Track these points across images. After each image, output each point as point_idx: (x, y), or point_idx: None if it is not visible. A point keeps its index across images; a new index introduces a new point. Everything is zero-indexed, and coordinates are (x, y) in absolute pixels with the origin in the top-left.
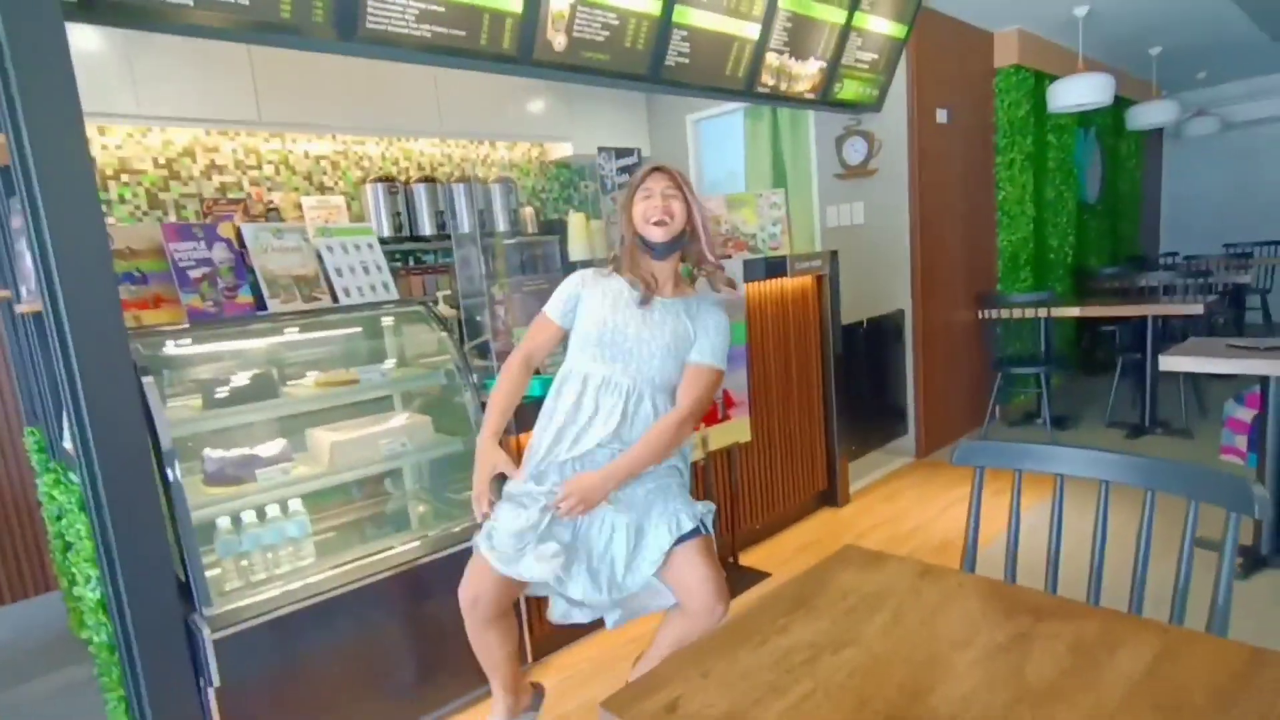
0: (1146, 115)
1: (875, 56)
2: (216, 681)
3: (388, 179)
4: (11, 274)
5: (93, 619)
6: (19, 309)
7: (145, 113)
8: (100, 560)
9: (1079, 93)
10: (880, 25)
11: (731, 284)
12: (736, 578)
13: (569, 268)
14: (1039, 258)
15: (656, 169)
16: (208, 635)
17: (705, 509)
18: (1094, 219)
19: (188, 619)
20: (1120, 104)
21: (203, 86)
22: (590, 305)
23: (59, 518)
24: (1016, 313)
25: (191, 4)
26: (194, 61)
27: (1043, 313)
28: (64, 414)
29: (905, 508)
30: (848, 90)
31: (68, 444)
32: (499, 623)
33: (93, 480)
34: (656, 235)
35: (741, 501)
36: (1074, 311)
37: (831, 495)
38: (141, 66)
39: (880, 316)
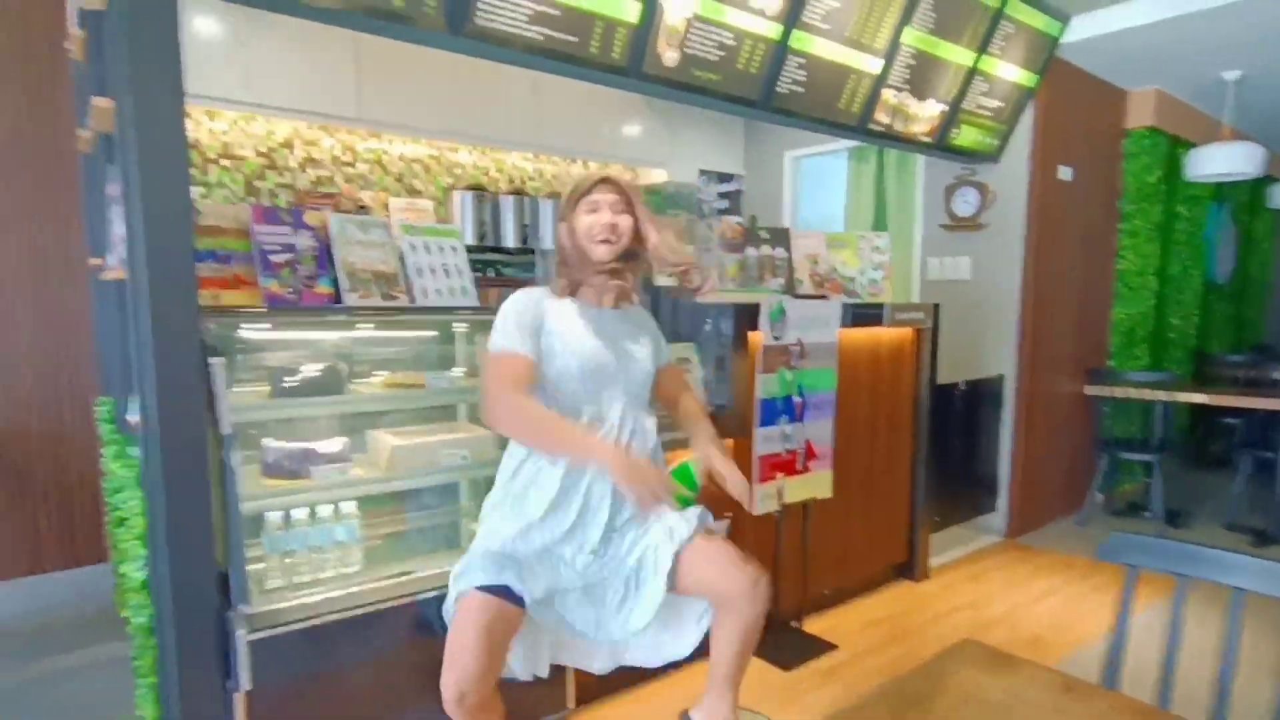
0: None
1: (1000, 104)
2: (246, 685)
3: (477, 188)
4: (102, 241)
5: (135, 599)
6: (104, 275)
7: (253, 100)
8: (149, 539)
9: (1224, 161)
10: (1009, 71)
11: (693, 285)
12: (801, 645)
13: (655, 293)
14: (1157, 335)
15: (604, 180)
16: (242, 635)
17: (699, 510)
18: (1220, 300)
19: (223, 615)
20: (1261, 180)
21: (308, 78)
22: (560, 333)
23: (117, 490)
24: (1131, 392)
25: None
26: (302, 53)
27: (1161, 395)
28: (131, 386)
29: (991, 591)
30: (966, 137)
31: (132, 417)
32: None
33: (150, 457)
34: (602, 254)
35: (812, 563)
36: (1198, 397)
37: (909, 568)
38: (253, 54)
39: (979, 380)
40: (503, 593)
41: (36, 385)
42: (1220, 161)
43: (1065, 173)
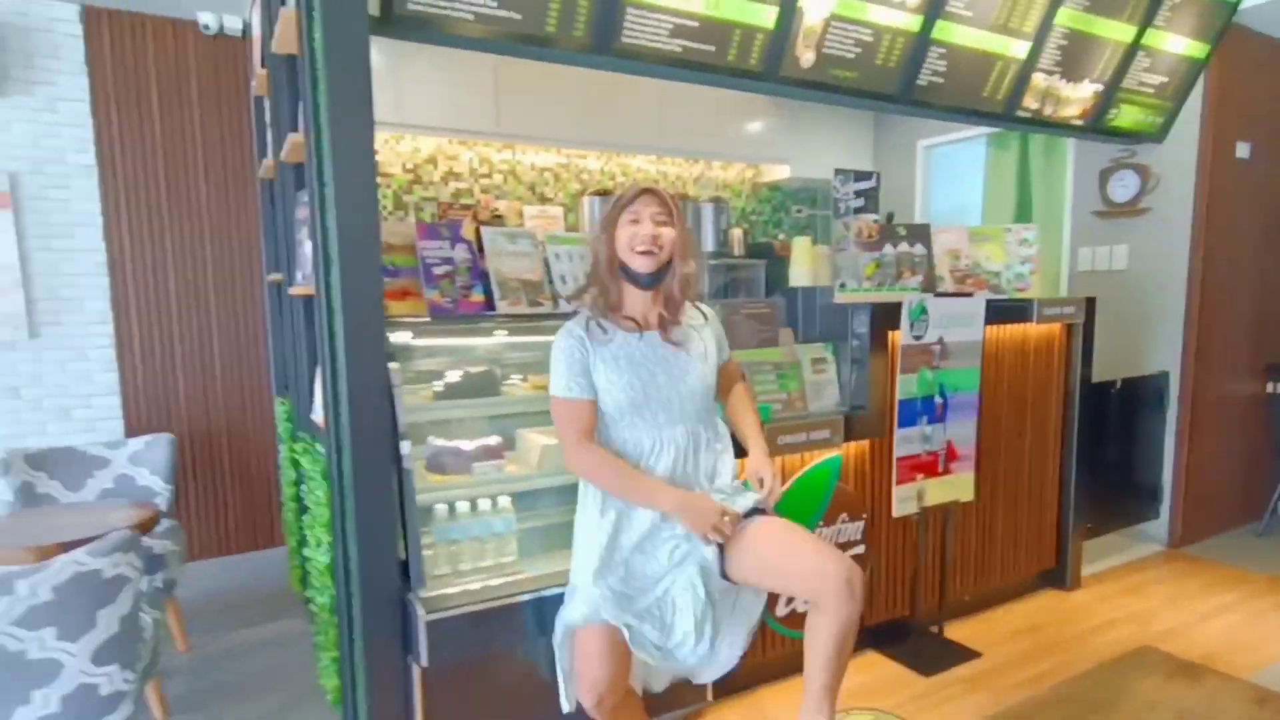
0: None
1: (1164, 80)
2: (425, 661)
3: (605, 192)
4: (288, 260)
5: (319, 581)
6: (292, 291)
7: (403, 120)
8: (335, 527)
9: None
10: (1176, 44)
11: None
12: (941, 651)
13: (790, 294)
14: None
15: (647, 190)
16: (422, 615)
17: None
18: None
19: (404, 597)
20: None
21: (452, 97)
22: (605, 373)
23: (297, 482)
24: None
25: (471, 19)
26: (446, 74)
27: None
28: (315, 388)
29: (1153, 606)
30: (1124, 117)
31: (316, 416)
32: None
33: (339, 452)
34: (641, 265)
35: (954, 567)
36: None
37: (1059, 576)
38: (403, 78)
39: (1138, 378)
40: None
41: (225, 389)
42: None
43: (1243, 150)
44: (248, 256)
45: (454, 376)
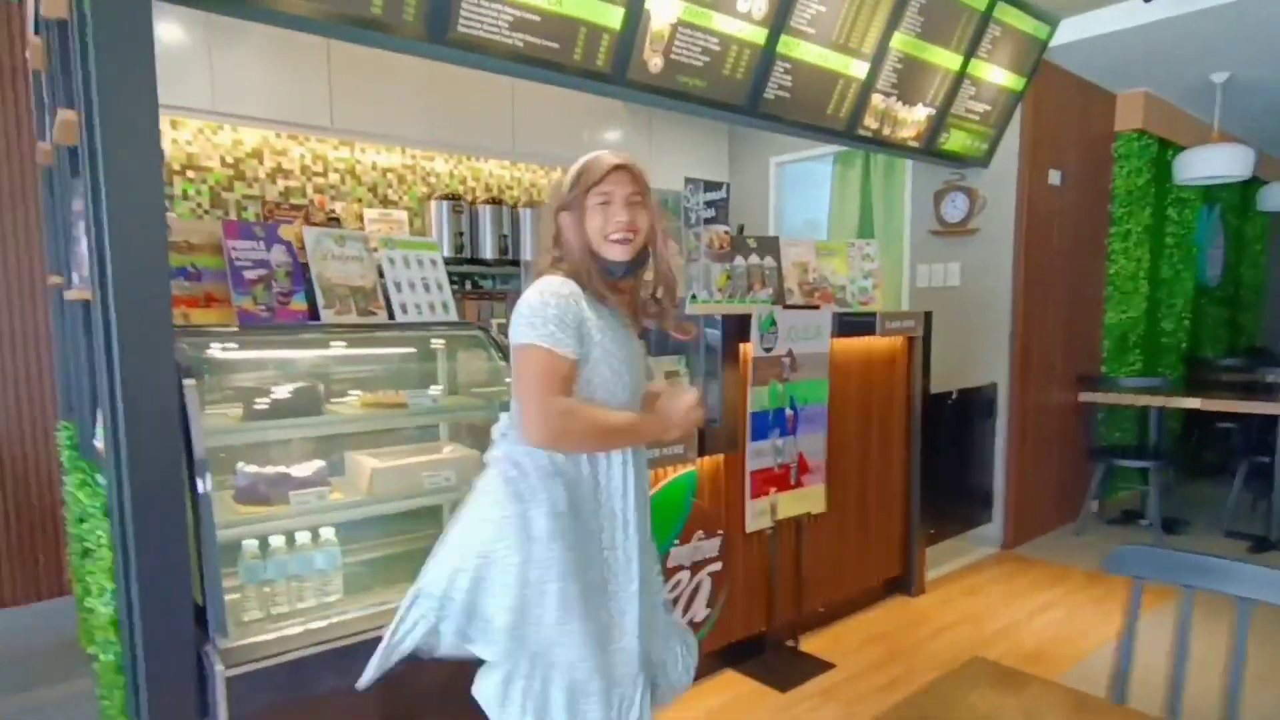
0: None
1: (988, 108)
2: None
3: (453, 197)
4: (66, 259)
5: (102, 636)
6: (68, 295)
7: (219, 109)
8: (118, 573)
9: (1212, 164)
10: (997, 75)
11: (687, 330)
12: (797, 665)
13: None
14: (1150, 340)
15: (618, 166)
16: (220, 670)
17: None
18: (1212, 304)
19: (200, 650)
20: (1250, 182)
21: (278, 87)
22: (604, 344)
23: (81, 520)
24: (1124, 399)
25: None
26: (272, 61)
27: (1155, 401)
28: (98, 410)
29: (989, 605)
30: (955, 141)
31: (99, 442)
32: None
33: (119, 484)
34: (617, 254)
35: (807, 579)
36: (1193, 403)
37: (905, 582)
38: (220, 62)
39: (972, 389)
40: None
41: (2, 409)
42: (1208, 164)
43: (1055, 176)
44: (27, 255)
45: (271, 394)
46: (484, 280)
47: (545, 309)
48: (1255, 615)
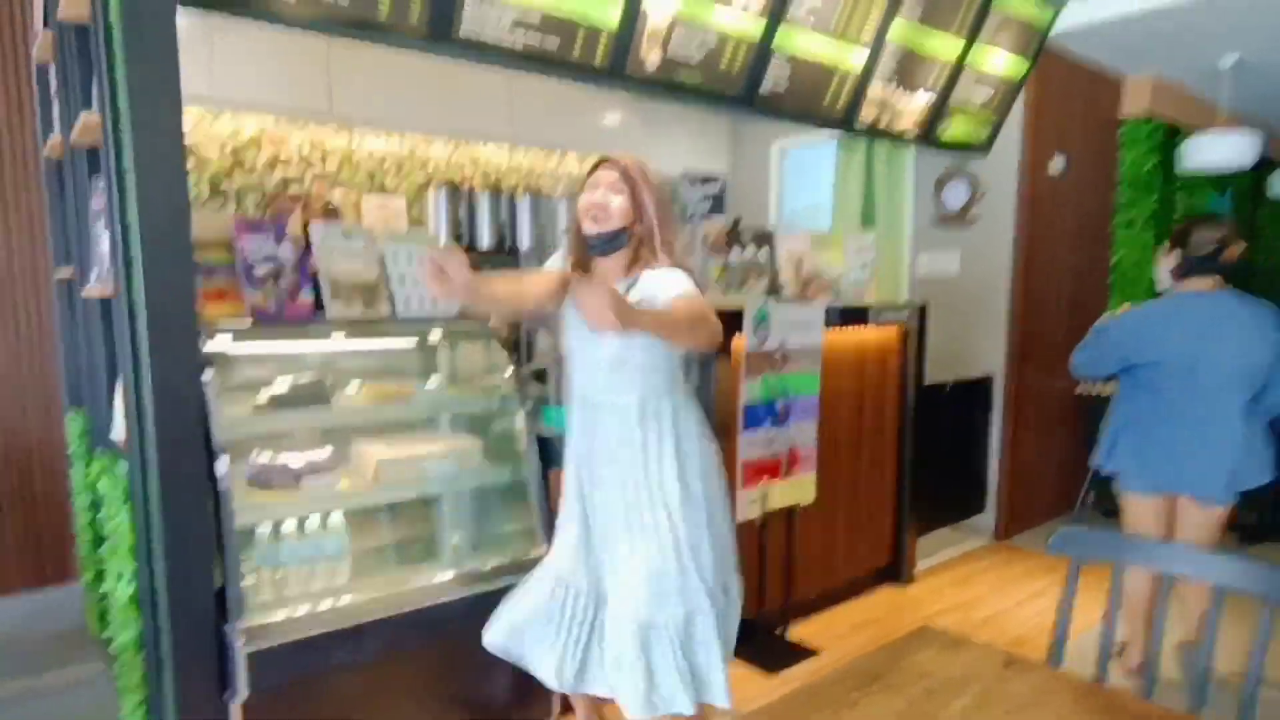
0: None
1: (989, 94)
2: (244, 695)
3: (452, 184)
4: (80, 256)
5: (121, 616)
6: (86, 292)
7: (219, 96)
8: (140, 555)
9: (1216, 152)
10: (998, 62)
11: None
12: (784, 652)
13: None
14: None
15: (606, 161)
16: (240, 646)
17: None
18: None
19: (221, 627)
20: (1264, 166)
21: (278, 73)
22: (578, 324)
23: (94, 507)
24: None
25: (294, 1)
26: (272, 47)
27: None
28: (115, 401)
29: (979, 594)
30: (955, 129)
31: (117, 433)
32: None
33: (144, 472)
34: (590, 228)
35: (798, 568)
36: None
37: (896, 571)
38: (221, 49)
39: (968, 380)
40: None
41: (3, 400)
42: (1212, 153)
43: (1058, 163)
44: (30, 247)
45: (281, 386)
46: (482, 268)
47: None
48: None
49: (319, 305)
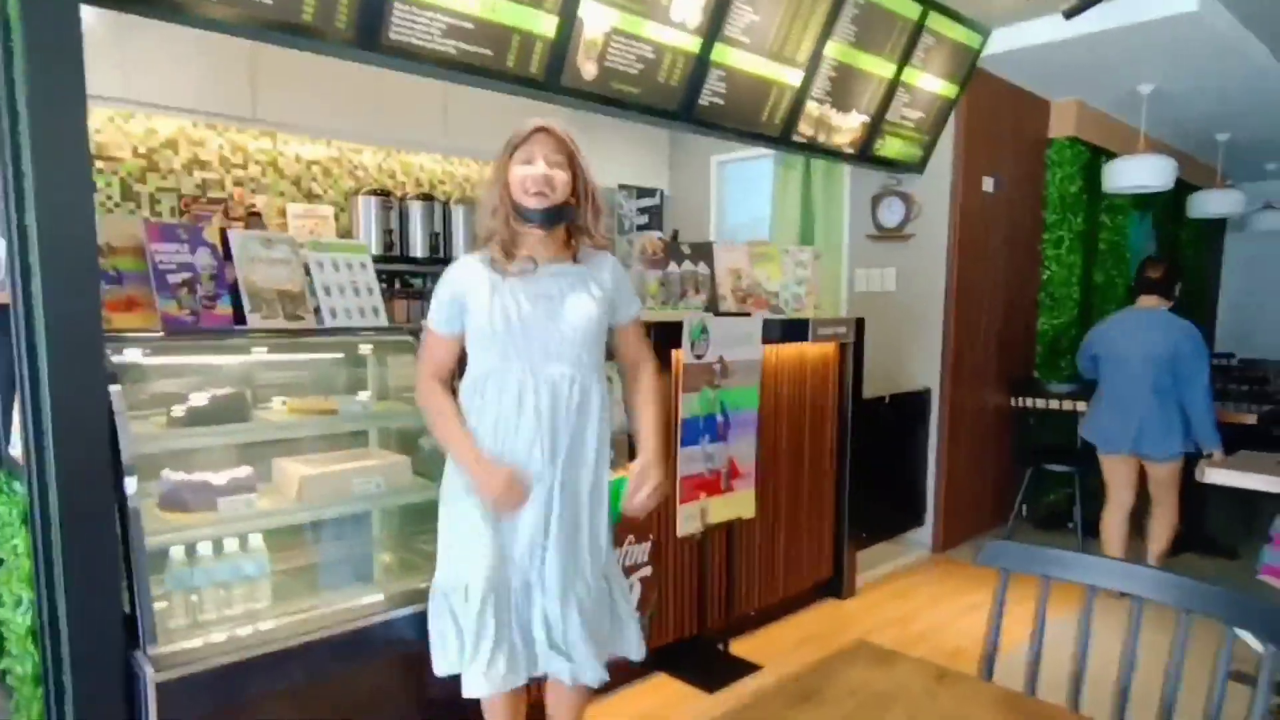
0: (1209, 204)
1: (922, 115)
2: None
3: (382, 192)
4: None
5: (18, 648)
6: None
7: (132, 96)
8: (38, 582)
9: (1137, 174)
10: (931, 83)
11: (601, 244)
12: (725, 668)
13: None
14: None
15: (540, 129)
16: (150, 675)
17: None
18: None
19: (129, 656)
20: (1182, 189)
21: (197, 75)
22: (482, 302)
23: None
24: (1054, 404)
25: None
26: (189, 48)
27: (1083, 406)
28: (13, 417)
29: (917, 607)
30: (890, 147)
31: (14, 450)
32: None
33: (43, 492)
34: (534, 203)
35: (738, 584)
36: None
37: (836, 585)
38: (133, 47)
39: (904, 394)
40: None
41: None
42: (1133, 174)
43: (988, 183)
44: None
45: (196, 400)
46: (415, 279)
47: (439, 290)
48: (1098, 600)
49: (239, 316)
